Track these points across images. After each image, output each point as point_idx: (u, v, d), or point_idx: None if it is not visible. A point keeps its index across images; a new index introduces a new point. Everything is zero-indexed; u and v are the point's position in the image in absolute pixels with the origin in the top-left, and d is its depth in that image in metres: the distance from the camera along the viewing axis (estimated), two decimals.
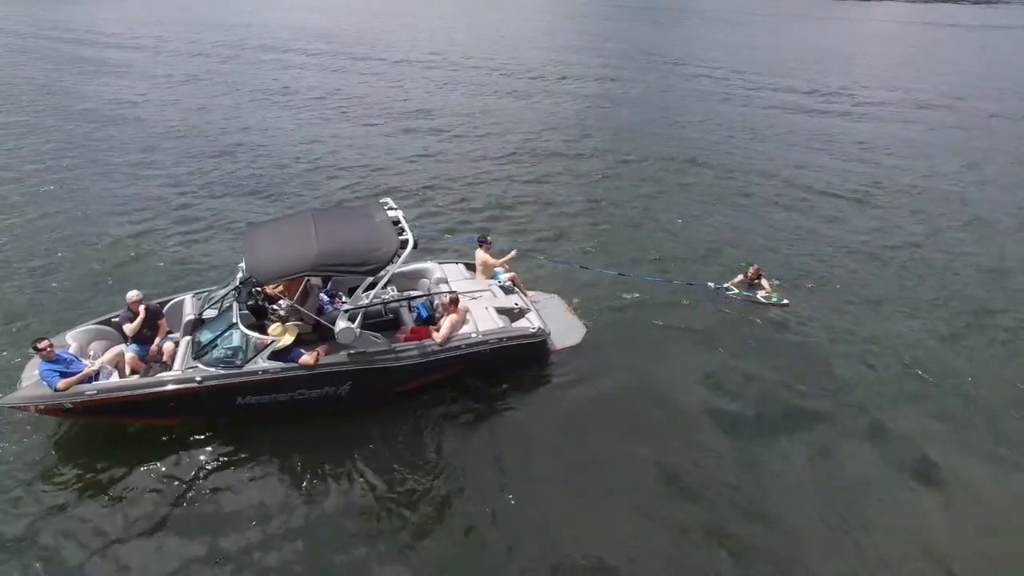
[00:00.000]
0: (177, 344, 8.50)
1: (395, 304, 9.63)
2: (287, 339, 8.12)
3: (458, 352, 8.80)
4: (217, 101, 26.62)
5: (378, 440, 8.34)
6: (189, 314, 8.92)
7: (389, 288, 8.77)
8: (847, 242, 14.54)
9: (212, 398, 7.92)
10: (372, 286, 8.60)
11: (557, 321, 10.52)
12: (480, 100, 27.74)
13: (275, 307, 9.75)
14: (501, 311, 9.71)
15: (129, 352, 8.46)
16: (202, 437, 8.13)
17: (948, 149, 22.33)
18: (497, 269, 10.87)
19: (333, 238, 8.30)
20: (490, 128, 23.33)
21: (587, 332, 10.38)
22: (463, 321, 9.11)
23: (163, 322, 9.02)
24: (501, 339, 9.01)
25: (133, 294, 8.75)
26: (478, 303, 9.79)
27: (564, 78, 33.19)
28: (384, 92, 28.95)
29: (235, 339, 8.13)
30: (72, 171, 18.08)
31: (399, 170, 18.76)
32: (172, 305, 9.29)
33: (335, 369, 8.31)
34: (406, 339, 8.96)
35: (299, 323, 8.63)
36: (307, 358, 8.11)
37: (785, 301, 11.69)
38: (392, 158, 19.88)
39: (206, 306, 9.21)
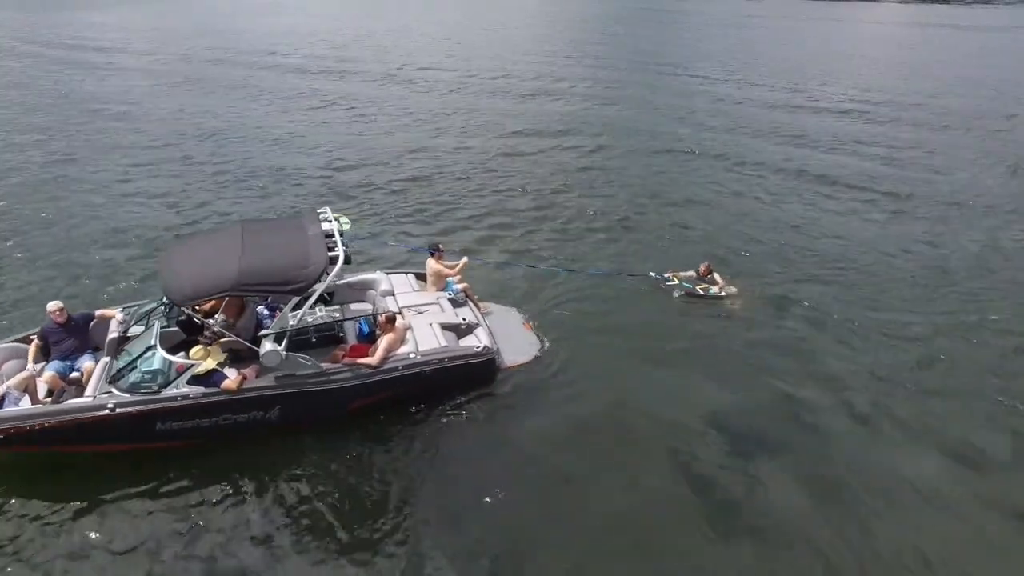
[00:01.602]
0: (98, 363, 8.05)
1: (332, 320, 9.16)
2: (208, 363, 7.66)
3: (395, 374, 8.36)
4: (190, 109, 26.04)
5: (313, 464, 7.82)
6: (114, 331, 8.45)
7: (318, 308, 8.29)
8: (808, 241, 14.28)
9: (128, 424, 7.47)
10: (304, 303, 8.15)
11: (511, 336, 10.09)
12: (438, 107, 26.74)
13: (210, 321, 9.31)
14: (447, 327, 9.26)
15: (48, 371, 8.00)
16: (119, 461, 7.65)
17: (938, 150, 21.77)
18: (450, 279, 10.40)
19: (259, 254, 7.82)
20: (442, 134, 22.57)
21: (541, 347, 9.96)
22: (401, 340, 8.66)
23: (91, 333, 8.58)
24: (442, 359, 8.57)
25: (53, 304, 8.28)
26: (422, 318, 9.33)
27: (549, 81, 32.53)
28: (357, 95, 28.22)
29: (155, 361, 7.66)
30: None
31: (353, 174, 18.11)
32: (100, 320, 8.82)
33: (262, 393, 7.86)
34: (345, 356, 8.53)
35: (233, 339, 8.20)
36: (229, 383, 7.66)
37: (723, 293, 11.51)
38: (346, 161, 19.22)
39: (133, 322, 8.75)
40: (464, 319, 9.50)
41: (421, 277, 10.53)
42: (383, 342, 8.39)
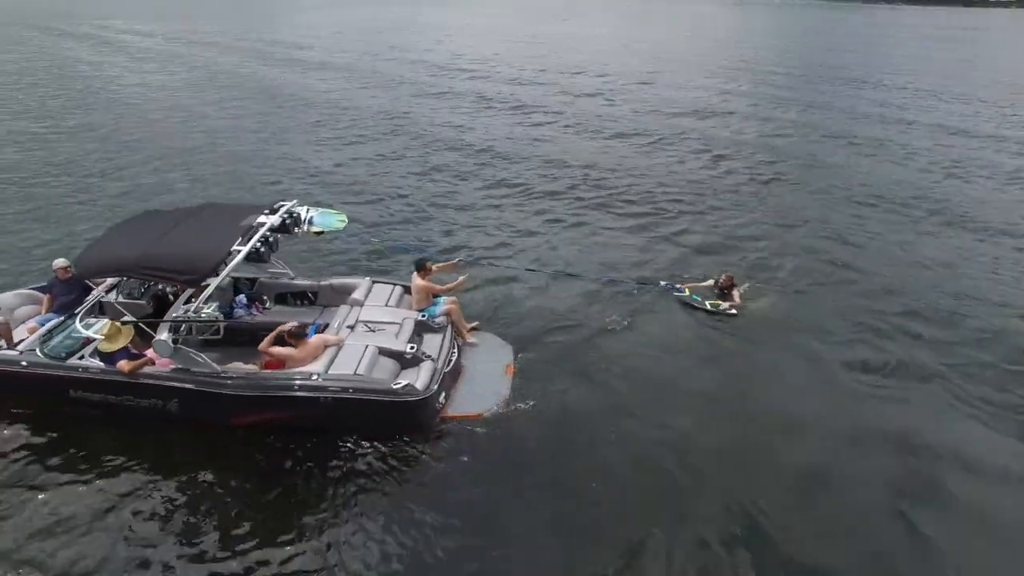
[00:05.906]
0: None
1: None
2: (120, 341, 7.41)
3: (289, 392, 7.24)
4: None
5: (207, 467, 7.08)
6: (95, 295, 8.76)
7: (209, 305, 7.45)
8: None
9: (40, 384, 7.58)
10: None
11: (480, 379, 8.38)
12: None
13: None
14: (388, 353, 7.88)
15: (32, 322, 8.55)
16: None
17: None
18: (441, 297, 9.00)
19: (176, 239, 7.46)
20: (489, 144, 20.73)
21: (507, 399, 8.01)
22: (312, 357, 7.51)
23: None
24: (345, 387, 7.21)
25: (59, 261, 8.82)
26: (365, 338, 8.06)
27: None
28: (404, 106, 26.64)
29: (72, 331, 7.74)
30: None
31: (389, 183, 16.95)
32: (98, 283, 9.23)
33: (156, 382, 7.41)
34: (267, 365, 7.72)
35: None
36: (123, 364, 7.32)
37: (733, 311, 10.13)
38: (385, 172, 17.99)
39: (119, 289, 8.94)
40: (413, 347, 8.00)
41: (409, 291, 9.28)
42: (284, 351, 7.38)
